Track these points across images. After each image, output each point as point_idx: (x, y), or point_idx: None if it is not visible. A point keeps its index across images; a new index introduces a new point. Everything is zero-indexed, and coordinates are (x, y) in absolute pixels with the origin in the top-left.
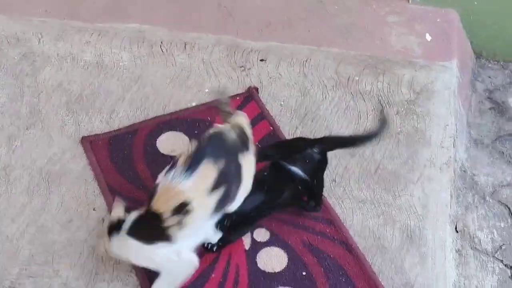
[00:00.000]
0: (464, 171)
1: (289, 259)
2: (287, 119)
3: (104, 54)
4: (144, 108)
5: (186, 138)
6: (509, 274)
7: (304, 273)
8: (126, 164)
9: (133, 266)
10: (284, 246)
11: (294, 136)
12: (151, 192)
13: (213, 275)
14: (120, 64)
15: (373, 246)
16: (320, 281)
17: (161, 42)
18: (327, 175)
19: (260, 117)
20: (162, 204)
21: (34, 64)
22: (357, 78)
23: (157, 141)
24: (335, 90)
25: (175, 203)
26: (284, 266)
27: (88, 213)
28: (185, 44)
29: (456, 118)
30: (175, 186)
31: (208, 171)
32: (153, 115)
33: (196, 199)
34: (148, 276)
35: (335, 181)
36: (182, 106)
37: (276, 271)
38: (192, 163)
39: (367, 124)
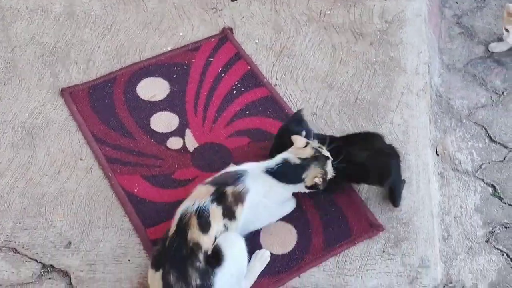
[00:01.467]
0: (439, 96)
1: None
2: (264, 57)
3: (74, 4)
4: (120, 55)
5: (166, 82)
6: (491, 192)
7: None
8: (108, 112)
9: (126, 211)
10: None
11: (272, 73)
12: None
13: None
14: (91, 13)
15: None
16: (311, 212)
17: None
18: (308, 109)
19: (236, 57)
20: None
21: (4, 19)
22: (328, 12)
23: (137, 87)
24: (308, 25)
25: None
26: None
27: (75, 163)
28: None
29: (428, 45)
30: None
31: None
32: (130, 62)
33: None
34: (141, 220)
35: (316, 114)
36: (158, 51)
37: None
38: None
39: (342, 56)
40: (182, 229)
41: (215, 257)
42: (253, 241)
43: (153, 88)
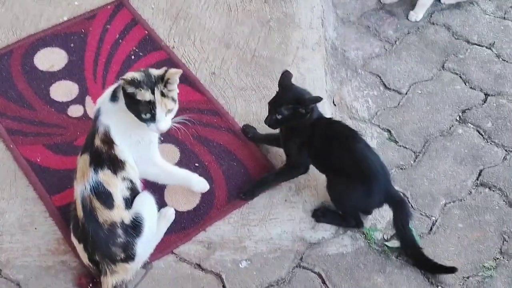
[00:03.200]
0: (335, 49)
1: (181, 153)
2: (160, 21)
3: None
4: (15, 28)
5: (63, 52)
6: (387, 137)
7: (196, 164)
8: (6, 85)
9: (30, 180)
10: (175, 141)
11: (170, 37)
12: None
13: None
14: None
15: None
16: (213, 168)
17: None
18: (206, 69)
19: (133, 22)
20: None
21: None
22: None
23: (34, 58)
24: None
25: None
26: (177, 160)
27: None
28: None
29: (322, 0)
30: None
31: None
32: (26, 35)
33: None
34: (46, 188)
35: (214, 73)
36: (54, 21)
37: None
38: None
39: (237, 16)
40: (89, 214)
41: (134, 226)
42: (157, 200)
43: (50, 59)
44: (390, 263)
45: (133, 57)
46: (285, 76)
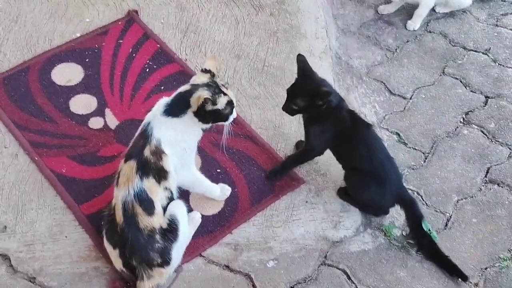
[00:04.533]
0: (339, 58)
1: (202, 160)
2: (171, 35)
3: None
4: (30, 45)
5: (79, 66)
6: (396, 139)
7: (218, 170)
8: (26, 100)
9: (57, 191)
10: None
11: (181, 50)
12: None
13: None
14: None
15: (275, 134)
16: (234, 173)
17: None
18: (220, 80)
19: (145, 37)
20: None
21: None
22: None
23: (51, 74)
24: (209, 2)
25: None
26: (199, 167)
27: (0, 152)
28: None
29: (324, 11)
30: None
31: None
32: (41, 51)
33: None
34: (73, 197)
35: (228, 83)
36: (67, 38)
37: None
38: None
39: (245, 28)
40: (130, 219)
41: (171, 231)
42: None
43: (67, 73)
44: (411, 258)
45: (147, 70)
46: (302, 61)
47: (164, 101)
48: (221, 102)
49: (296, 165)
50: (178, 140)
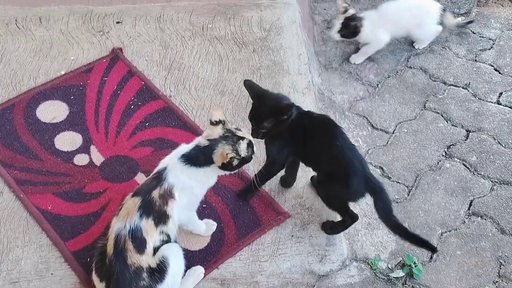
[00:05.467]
0: (321, 93)
1: None
2: (156, 72)
3: None
4: (15, 83)
5: (64, 104)
6: (380, 173)
7: (204, 205)
8: (11, 137)
9: (43, 227)
10: None
11: (166, 86)
12: None
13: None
14: None
15: (259, 169)
16: (220, 208)
17: (16, 20)
18: (204, 115)
19: (129, 74)
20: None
21: None
22: (210, 26)
23: (36, 111)
24: (193, 39)
25: None
26: None
27: None
28: (40, 18)
29: (306, 47)
30: None
31: None
32: (26, 89)
33: None
34: (59, 234)
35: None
36: (52, 76)
37: None
38: None
39: (229, 64)
40: (120, 253)
41: (159, 271)
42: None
43: (52, 111)
44: None
45: (132, 106)
46: (250, 85)
47: (183, 149)
48: (243, 149)
49: (263, 181)
50: (192, 186)
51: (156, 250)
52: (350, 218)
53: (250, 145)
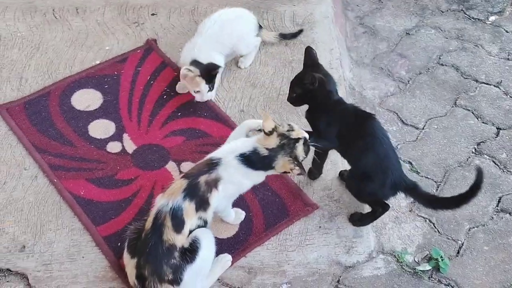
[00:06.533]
0: (352, 88)
1: None
2: None
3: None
4: (51, 72)
5: (98, 92)
6: (409, 168)
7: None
8: (46, 124)
9: (75, 212)
10: None
11: None
12: None
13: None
14: (18, 34)
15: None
16: (249, 198)
17: (53, 10)
18: (235, 107)
19: (162, 65)
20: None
21: None
22: None
23: (71, 99)
24: None
25: None
26: None
27: (20, 173)
28: (77, 9)
29: (338, 43)
30: None
31: None
32: (62, 77)
33: None
34: (91, 219)
35: (243, 111)
36: (87, 65)
37: None
38: None
39: (261, 57)
40: (157, 227)
41: (190, 251)
42: None
43: (86, 99)
44: (423, 284)
45: (165, 96)
46: (308, 52)
47: (240, 147)
48: (300, 152)
49: (322, 159)
50: (241, 182)
51: (190, 232)
52: (381, 208)
53: (305, 142)
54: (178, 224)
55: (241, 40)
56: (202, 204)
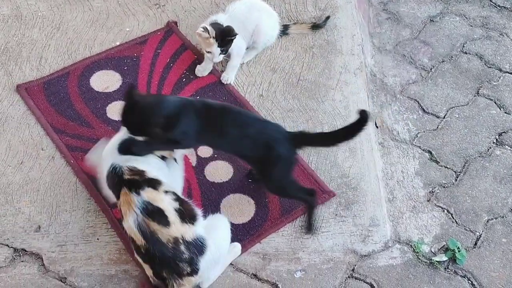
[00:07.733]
0: (373, 75)
1: (234, 170)
2: None
3: (21, 7)
4: (71, 52)
5: (117, 74)
6: (428, 157)
7: (250, 180)
8: (64, 105)
9: (91, 194)
10: (228, 159)
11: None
12: None
13: None
14: (39, 14)
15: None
16: None
17: None
18: (254, 91)
19: (183, 47)
20: None
21: None
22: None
23: (90, 80)
24: None
25: None
26: (230, 176)
27: (37, 154)
28: None
29: (360, 28)
30: None
31: None
32: (81, 58)
33: None
34: (107, 202)
35: (262, 96)
36: (107, 46)
37: (224, 180)
38: None
39: (281, 42)
40: (151, 238)
41: (196, 246)
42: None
43: (105, 80)
44: (438, 275)
45: (184, 79)
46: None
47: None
48: None
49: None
50: None
51: (181, 213)
52: (308, 194)
53: None
54: (160, 216)
55: (263, 29)
56: (150, 181)
